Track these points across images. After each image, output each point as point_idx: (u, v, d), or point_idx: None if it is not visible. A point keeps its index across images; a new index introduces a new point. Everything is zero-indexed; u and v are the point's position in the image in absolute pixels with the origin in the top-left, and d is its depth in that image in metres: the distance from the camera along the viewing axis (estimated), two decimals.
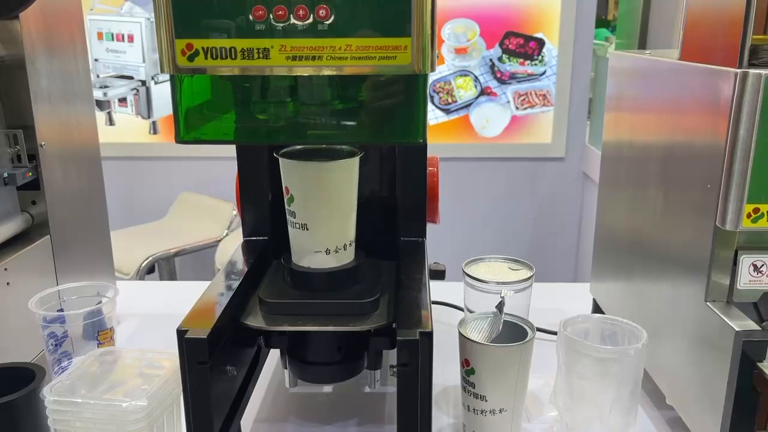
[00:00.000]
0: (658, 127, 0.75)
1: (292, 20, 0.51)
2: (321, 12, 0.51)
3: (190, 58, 0.53)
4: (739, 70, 0.56)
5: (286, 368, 0.72)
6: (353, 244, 0.70)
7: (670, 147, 0.71)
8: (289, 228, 0.69)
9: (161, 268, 2.29)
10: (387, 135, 0.56)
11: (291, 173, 0.66)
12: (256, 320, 0.66)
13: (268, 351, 0.82)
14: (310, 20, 0.51)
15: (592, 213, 2.48)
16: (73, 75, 0.91)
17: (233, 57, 0.52)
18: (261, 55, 0.52)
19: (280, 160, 0.65)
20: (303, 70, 0.53)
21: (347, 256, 0.69)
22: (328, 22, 0.51)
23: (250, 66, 0.53)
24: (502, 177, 2.53)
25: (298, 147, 0.67)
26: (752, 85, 0.55)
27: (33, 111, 0.79)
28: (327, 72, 0.53)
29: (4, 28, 0.78)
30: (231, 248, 2.20)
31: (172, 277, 2.34)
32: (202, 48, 0.52)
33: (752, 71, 0.55)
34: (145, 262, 2.11)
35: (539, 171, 2.52)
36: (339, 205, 0.67)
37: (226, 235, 2.32)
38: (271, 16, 0.51)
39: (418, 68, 0.53)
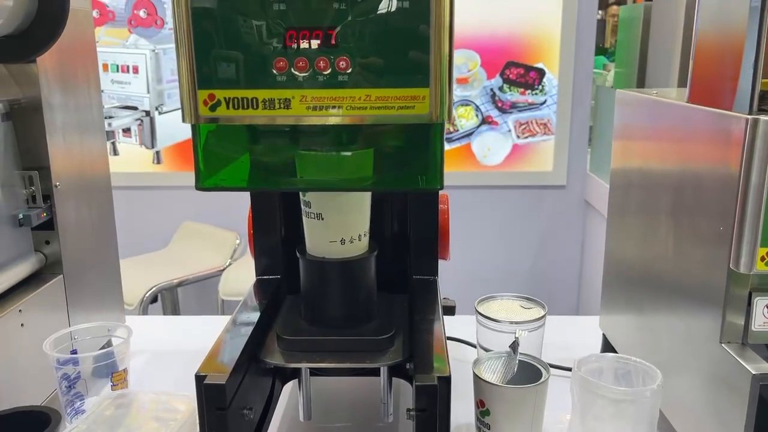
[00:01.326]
0: (667, 164, 0.76)
1: (313, 71, 0.53)
2: (341, 63, 0.52)
3: (212, 108, 0.54)
4: (749, 117, 0.57)
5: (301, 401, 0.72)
6: (367, 235, 0.71)
7: (679, 186, 0.72)
8: (304, 219, 0.69)
9: (164, 298, 2.28)
10: (405, 182, 0.57)
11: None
12: (274, 357, 0.67)
13: (282, 387, 0.83)
14: (331, 71, 0.53)
15: (594, 241, 2.49)
16: (87, 107, 0.92)
17: (255, 107, 0.53)
18: (282, 105, 0.53)
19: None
20: (323, 120, 0.54)
21: (361, 247, 0.70)
22: (347, 73, 0.53)
23: (271, 116, 0.54)
24: (503, 205, 2.54)
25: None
26: (763, 131, 0.56)
27: (48, 152, 0.80)
28: (346, 121, 0.54)
29: (22, 71, 0.79)
30: (234, 278, 2.21)
31: (175, 307, 2.33)
32: (224, 98, 0.54)
33: (762, 118, 0.56)
34: (149, 292, 2.11)
35: (541, 199, 2.53)
36: (353, 196, 0.68)
37: (230, 264, 2.33)
38: (292, 68, 0.53)
39: (435, 117, 0.54)
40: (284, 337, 0.68)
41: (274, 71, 0.53)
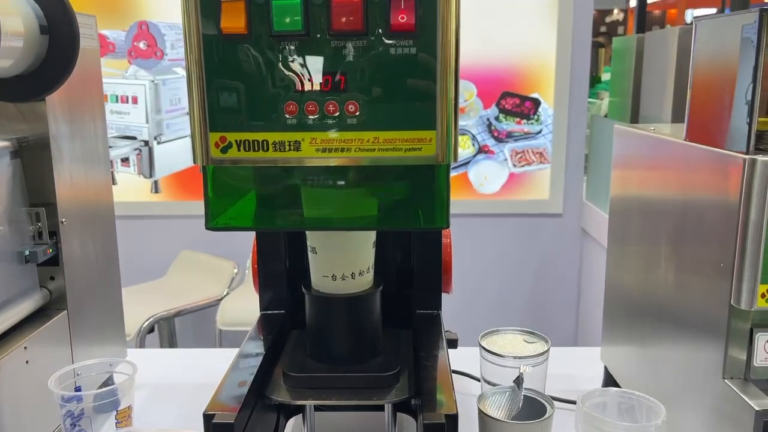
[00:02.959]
0: (666, 199, 0.77)
1: (323, 115, 0.54)
2: (350, 107, 0.54)
3: (224, 150, 0.55)
4: (747, 156, 0.58)
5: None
6: (372, 270, 0.71)
7: (680, 221, 0.73)
8: (309, 254, 0.70)
9: (161, 328, 2.27)
10: (411, 221, 0.58)
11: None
12: (280, 394, 0.68)
13: (286, 422, 0.83)
14: (339, 114, 0.54)
15: (591, 269, 2.50)
16: (92, 139, 0.93)
17: (265, 149, 0.55)
18: (292, 148, 0.54)
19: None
20: (332, 162, 0.55)
21: (366, 282, 0.70)
22: (356, 117, 0.54)
23: (281, 158, 0.55)
24: (500, 233, 2.56)
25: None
26: (761, 171, 0.57)
27: (55, 188, 0.81)
28: (355, 163, 0.55)
29: (30, 109, 0.80)
30: (232, 308, 2.21)
31: (172, 337, 2.32)
32: (236, 141, 0.55)
33: (760, 158, 0.57)
34: (146, 323, 2.10)
35: (538, 227, 2.55)
36: (345, 233, 0.68)
37: (227, 294, 2.32)
38: (302, 111, 0.54)
39: (442, 158, 0.55)
40: (290, 374, 0.68)
41: (285, 115, 0.54)
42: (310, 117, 0.54)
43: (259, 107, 0.54)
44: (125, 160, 2.47)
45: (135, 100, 2.40)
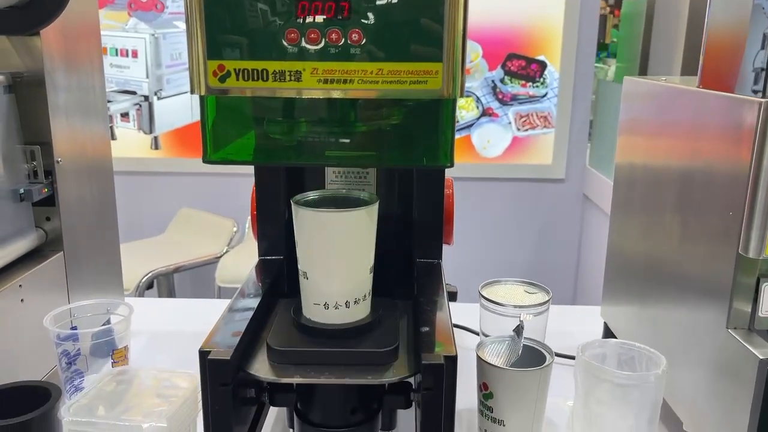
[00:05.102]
0: (674, 152, 0.75)
1: (325, 44, 0.52)
2: (354, 36, 0.52)
3: (222, 79, 0.53)
4: (763, 100, 0.56)
5: (291, 428, 0.68)
6: (367, 299, 0.64)
7: (688, 173, 0.71)
8: (300, 279, 0.64)
9: (160, 284, 2.28)
10: (415, 158, 0.56)
11: (295, 216, 0.61)
12: (263, 369, 0.59)
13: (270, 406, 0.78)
14: (343, 44, 0.52)
15: (592, 235, 2.49)
16: (90, 89, 0.91)
17: (265, 79, 0.53)
18: (293, 78, 0.53)
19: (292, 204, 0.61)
20: (334, 93, 0.53)
21: (356, 313, 0.62)
22: (360, 46, 0.52)
23: (281, 88, 0.53)
24: (502, 197, 2.54)
25: (317, 193, 0.63)
26: None
27: (51, 127, 0.79)
28: (358, 95, 0.53)
29: (25, 45, 0.78)
30: (231, 265, 2.20)
31: (171, 293, 2.32)
32: (234, 69, 0.53)
33: None
34: (145, 278, 2.10)
35: (540, 192, 2.53)
36: (341, 258, 0.61)
37: (226, 251, 2.32)
38: (303, 40, 0.52)
39: (447, 93, 0.53)
40: (275, 348, 0.60)
41: (285, 43, 0.52)
42: (311, 46, 0.52)
43: (258, 34, 0.52)
44: (125, 115, 2.44)
45: (135, 54, 2.37)
